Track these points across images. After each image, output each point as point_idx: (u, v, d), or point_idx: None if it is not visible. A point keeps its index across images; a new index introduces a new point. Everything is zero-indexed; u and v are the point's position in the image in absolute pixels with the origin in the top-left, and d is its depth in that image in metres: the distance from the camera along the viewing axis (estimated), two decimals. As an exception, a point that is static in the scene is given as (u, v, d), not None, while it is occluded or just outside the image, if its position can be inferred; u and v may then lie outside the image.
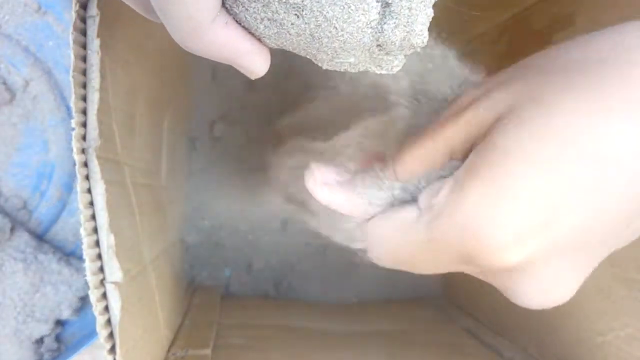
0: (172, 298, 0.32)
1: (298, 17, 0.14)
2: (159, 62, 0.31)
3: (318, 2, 0.13)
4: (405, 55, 0.15)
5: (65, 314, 0.32)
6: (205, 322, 0.34)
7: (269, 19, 0.14)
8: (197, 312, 0.36)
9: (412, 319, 0.41)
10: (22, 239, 0.32)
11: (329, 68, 0.16)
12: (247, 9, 0.14)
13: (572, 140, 0.13)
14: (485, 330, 0.38)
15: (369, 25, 0.14)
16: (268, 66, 0.15)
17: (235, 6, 0.14)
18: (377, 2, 0.13)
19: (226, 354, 0.30)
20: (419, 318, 0.42)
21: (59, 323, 0.33)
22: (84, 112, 0.19)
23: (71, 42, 0.18)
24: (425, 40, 0.14)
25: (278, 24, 0.14)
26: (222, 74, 0.45)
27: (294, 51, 0.15)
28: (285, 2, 0.13)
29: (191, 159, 0.45)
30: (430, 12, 0.14)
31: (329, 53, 0.15)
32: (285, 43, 0.15)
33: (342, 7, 0.13)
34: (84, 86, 0.19)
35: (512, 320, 0.36)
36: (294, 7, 0.13)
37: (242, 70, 0.15)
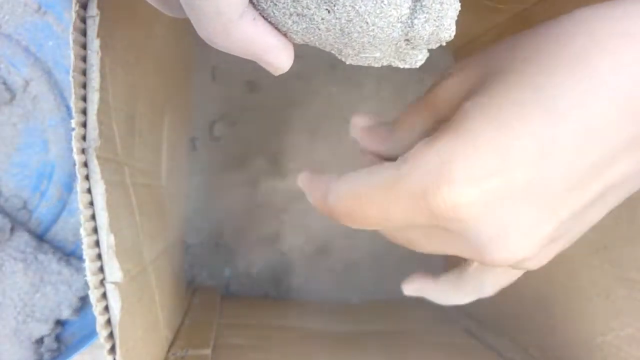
0: (172, 298, 0.32)
1: (329, 12, 0.14)
2: (159, 62, 0.31)
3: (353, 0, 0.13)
4: (429, 50, 0.15)
5: (65, 314, 0.32)
6: (205, 322, 0.34)
7: (298, 14, 0.14)
8: (197, 312, 0.36)
9: (412, 319, 0.41)
10: (22, 239, 0.32)
11: (353, 63, 0.16)
12: (275, 4, 0.14)
13: (530, 98, 0.15)
14: (485, 330, 0.38)
15: (400, 20, 0.14)
16: (292, 62, 0.15)
17: (263, 1, 0.14)
18: None
19: (226, 354, 0.30)
20: (419, 318, 0.42)
21: (59, 323, 0.33)
22: (84, 112, 0.19)
23: (71, 42, 0.18)
24: (453, 34, 0.14)
25: (308, 19, 0.14)
26: (222, 74, 0.45)
27: (319, 46, 0.15)
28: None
29: (191, 159, 0.45)
30: (458, 6, 0.14)
31: (356, 48, 0.15)
32: (312, 38, 0.15)
33: (375, 2, 0.13)
34: (84, 86, 0.19)
35: (512, 320, 0.36)
36: (325, 2, 0.13)
37: (266, 66, 0.15)
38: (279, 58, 0.15)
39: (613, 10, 0.16)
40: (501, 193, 0.15)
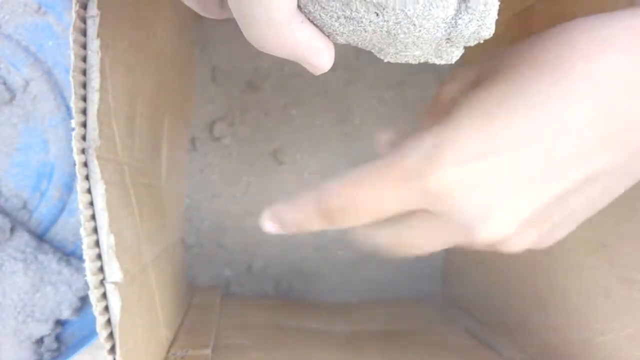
0: (172, 298, 0.32)
1: (378, 15, 0.14)
2: (159, 62, 0.31)
3: (403, 4, 0.13)
4: (465, 47, 0.16)
5: (65, 314, 0.32)
6: (205, 322, 0.34)
7: (346, 17, 0.14)
8: (197, 312, 0.36)
9: (412, 319, 0.41)
10: (22, 239, 0.32)
11: (391, 61, 0.16)
12: (323, 8, 0.14)
13: (515, 94, 0.17)
14: (485, 330, 0.38)
15: (445, 21, 0.14)
16: (333, 62, 0.16)
17: (310, 4, 0.14)
18: None
19: (226, 354, 0.30)
20: (419, 318, 0.42)
21: (59, 323, 0.33)
22: (84, 112, 0.19)
23: (71, 42, 0.18)
24: (492, 32, 0.15)
25: (355, 22, 0.14)
26: (222, 74, 0.45)
27: (360, 46, 0.16)
28: (367, 0, 0.14)
29: (191, 159, 0.45)
30: (498, 5, 0.14)
31: (399, 47, 0.15)
32: (356, 39, 0.15)
33: (423, 5, 0.13)
34: (84, 86, 0.19)
35: (512, 320, 0.36)
36: (375, 6, 0.14)
37: (308, 67, 0.16)
38: (322, 59, 0.16)
39: (593, 20, 0.17)
40: (486, 175, 0.17)
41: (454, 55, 0.16)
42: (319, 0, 0.14)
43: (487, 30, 0.15)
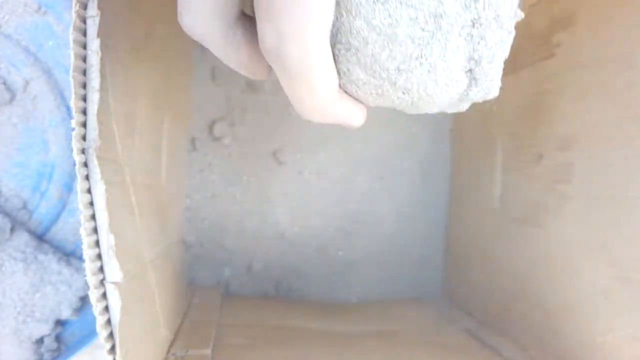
0: (172, 298, 0.32)
1: (404, 94, 0.17)
2: (159, 62, 0.31)
3: (424, 85, 0.17)
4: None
5: (65, 314, 0.32)
6: (205, 322, 0.34)
7: (377, 94, 0.18)
8: (197, 312, 0.36)
9: (412, 319, 0.41)
10: (22, 239, 0.32)
11: (410, 113, 0.20)
12: (360, 88, 0.17)
13: None
14: (485, 330, 0.38)
15: (458, 93, 0.17)
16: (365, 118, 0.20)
17: (349, 85, 0.18)
18: (467, 77, 0.17)
19: (226, 354, 0.30)
20: (419, 318, 0.42)
21: (59, 323, 0.33)
22: (84, 112, 0.19)
23: (71, 42, 0.18)
24: (497, 94, 0.18)
25: (385, 97, 0.18)
26: (222, 74, 0.45)
27: (387, 107, 0.19)
28: (395, 85, 0.17)
29: (191, 159, 0.45)
30: (501, 74, 0.17)
31: (420, 110, 0.19)
32: (385, 106, 0.19)
33: (442, 87, 0.17)
34: (84, 86, 0.19)
35: (512, 320, 0.36)
36: (402, 88, 0.17)
37: (345, 126, 0.19)
38: (358, 121, 0.19)
39: None
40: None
41: (464, 107, 0.19)
42: (356, 82, 0.17)
43: (493, 94, 0.18)
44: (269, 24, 0.15)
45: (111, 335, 0.20)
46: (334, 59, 0.17)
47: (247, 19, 0.18)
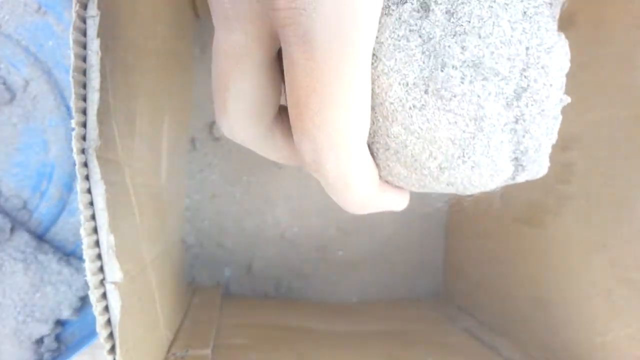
0: (172, 298, 0.32)
1: (449, 185, 0.17)
2: (159, 62, 0.31)
3: (468, 179, 0.16)
4: None
5: (65, 314, 0.32)
6: (205, 322, 0.34)
7: (421, 186, 0.17)
8: (197, 312, 0.36)
9: (412, 319, 0.41)
10: (22, 239, 0.32)
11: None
12: (400, 180, 0.17)
13: None
14: (485, 330, 0.38)
15: (504, 180, 0.17)
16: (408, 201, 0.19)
17: (389, 177, 0.17)
18: (513, 166, 0.16)
19: (226, 354, 0.30)
20: (419, 318, 0.42)
21: (59, 323, 0.33)
22: (84, 112, 0.19)
23: (71, 42, 0.18)
24: (545, 172, 0.17)
25: (429, 189, 0.17)
26: (222, 74, 0.45)
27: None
28: (438, 180, 0.16)
29: (191, 159, 0.45)
30: (548, 157, 0.17)
31: (467, 193, 0.18)
32: (425, 192, 0.18)
33: (487, 177, 0.16)
34: (84, 86, 0.19)
35: (512, 320, 0.36)
36: (446, 182, 0.16)
37: (389, 210, 0.19)
38: (402, 206, 0.19)
39: None
40: None
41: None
42: (397, 176, 0.17)
43: (542, 174, 0.17)
44: (305, 139, 0.15)
45: (111, 335, 0.20)
46: (373, 155, 0.17)
47: (285, 116, 0.18)
